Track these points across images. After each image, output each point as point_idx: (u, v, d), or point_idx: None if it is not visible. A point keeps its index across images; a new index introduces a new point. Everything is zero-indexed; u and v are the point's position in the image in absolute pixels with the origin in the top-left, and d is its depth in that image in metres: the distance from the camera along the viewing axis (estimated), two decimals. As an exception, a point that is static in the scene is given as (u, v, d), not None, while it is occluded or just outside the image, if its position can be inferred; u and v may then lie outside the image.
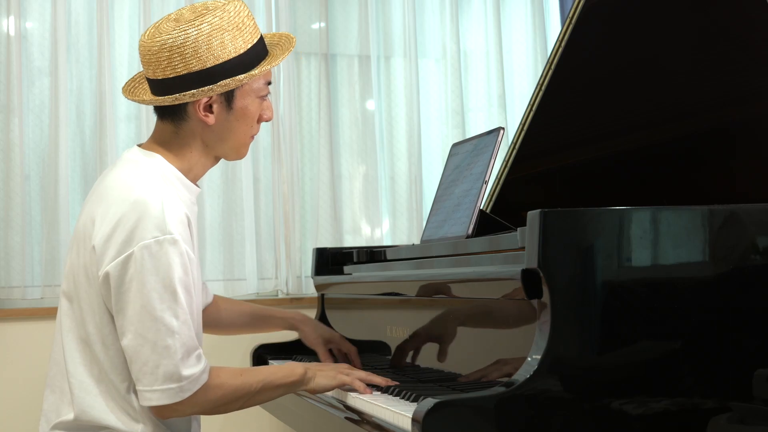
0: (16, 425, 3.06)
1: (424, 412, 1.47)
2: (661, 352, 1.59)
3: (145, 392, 1.72)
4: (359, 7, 3.60)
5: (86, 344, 1.78)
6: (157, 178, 1.80)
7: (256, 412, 3.14)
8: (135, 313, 1.70)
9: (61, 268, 3.10)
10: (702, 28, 2.33)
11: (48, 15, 3.22)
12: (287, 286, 3.41)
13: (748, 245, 1.65)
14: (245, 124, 1.88)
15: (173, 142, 1.87)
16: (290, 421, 2.51)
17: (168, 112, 1.86)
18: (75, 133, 3.23)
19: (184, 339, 1.72)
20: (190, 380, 1.72)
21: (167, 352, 1.70)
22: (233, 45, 1.79)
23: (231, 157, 1.93)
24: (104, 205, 1.76)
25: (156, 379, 1.71)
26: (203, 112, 1.83)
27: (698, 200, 1.76)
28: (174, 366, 1.70)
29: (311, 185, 3.55)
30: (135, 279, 1.70)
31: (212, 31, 1.78)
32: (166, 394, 1.71)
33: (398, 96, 3.67)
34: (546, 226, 1.57)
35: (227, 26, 1.79)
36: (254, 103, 1.88)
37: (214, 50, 1.78)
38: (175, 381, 1.71)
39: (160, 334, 1.70)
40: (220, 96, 1.83)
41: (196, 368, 1.73)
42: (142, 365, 1.71)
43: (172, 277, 1.71)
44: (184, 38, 1.77)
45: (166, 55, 1.78)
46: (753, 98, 2.23)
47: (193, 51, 1.77)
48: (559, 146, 2.74)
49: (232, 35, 1.80)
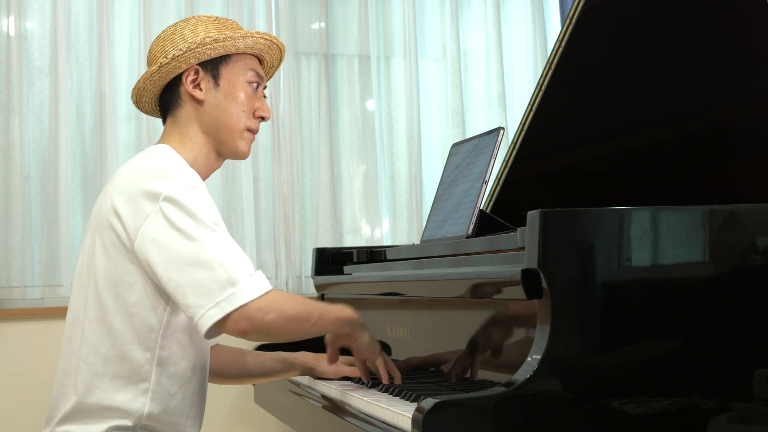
0: (17, 425, 3.06)
1: (424, 412, 1.47)
2: (661, 352, 1.59)
3: (209, 311, 1.68)
4: (359, 7, 3.60)
5: (102, 322, 1.79)
6: (170, 156, 1.86)
7: (256, 412, 3.14)
8: (175, 251, 1.71)
9: (61, 268, 3.10)
10: (702, 29, 2.33)
11: (48, 15, 3.22)
12: (287, 286, 3.41)
13: (748, 245, 1.65)
14: (236, 105, 1.93)
15: (174, 133, 1.94)
16: (290, 421, 2.51)
17: (166, 105, 1.96)
18: (75, 133, 3.23)
19: (230, 249, 1.72)
20: (248, 283, 1.70)
21: (216, 264, 1.69)
22: (217, 32, 1.93)
23: (230, 149, 1.96)
24: (122, 179, 1.82)
25: (215, 293, 1.69)
26: (191, 87, 1.91)
27: (698, 200, 1.76)
28: (226, 272, 1.69)
29: (311, 185, 3.55)
30: (166, 225, 1.72)
31: (198, 23, 1.95)
32: (228, 301, 1.68)
33: (398, 96, 3.67)
34: (546, 226, 1.57)
35: (215, 22, 1.96)
36: (242, 86, 1.94)
37: (198, 33, 1.92)
38: (231, 285, 1.69)
39: (202, 254, 1.70)
40: (206, 74, 1.92)
41: (251, 273, 1.72)
42: (196, 289, 1.69)
43: (203, 212, 1.74)
44: (173, 29, 1.95)
45: (160, 45, 1.94)
46: (753, 98, 2.23)
47: (180, 36, 1.92)
48: (559, 146, 2.74)
49: (216, 27, 1.94)
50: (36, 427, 2.99)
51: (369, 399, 1.87)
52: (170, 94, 1.94)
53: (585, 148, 2.69)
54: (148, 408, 1.79)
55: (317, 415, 2.10)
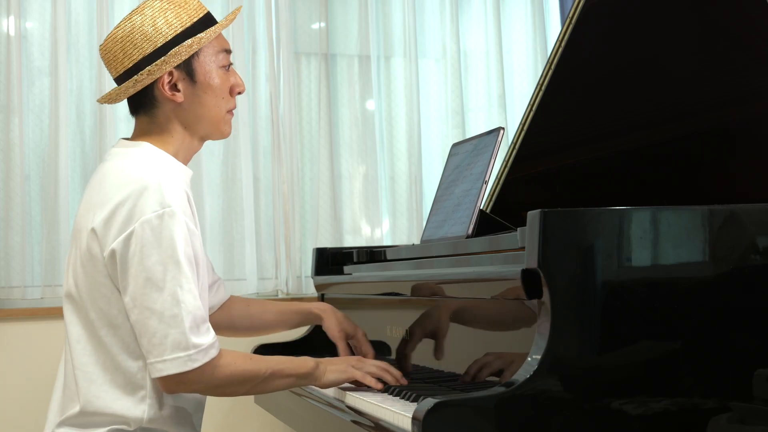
0: (17, 425, 3.06)
1: (424, 412, 1.47)
2: (661, 352, 1.59)
3: (156, 364, 1.72)
4: (359, 7, 3.60)
5: (91, 333, 1.79)
6: (151, 161, 1.83)
7: (256, 412, 3.14)
8: (139, 286, 1.72)
9: (61, 268, 3.10)
10: (702, 28, 2.33)
11: (48, 15, 3.22)
12: (287, 286, 3.41)
13: (748, 245, 1.65)
14: (214, 95, 1.91)
15: (153, 131, 1.90)
16: (290, 421, 2.51)
17: (138, 104, 1.91)
18: (75, 133, 3.23)
19: (191, 308, 1.72)
20: (199, 350, 1.72)
21: (174, 321, 1.71)
22: (178, 20, 1.86)
23: (214, 136, 1.95)
24: (102, 192, 1.79)
25: (165, 349, 1.71)
26: (170, 92, 1.87)
27: (698, 200, 1.76)
28: (182, 334, 1.71)
29: (311, 185, 3.55)
30: (137, 254, 1.72)
31: (155, 13, 1.85)
32: (175, 363, 1.71)
33: (398, 96, 3.67)
34: (546, 226, 1.57)
35: (168, 6, 1.87)
36: (217, 73, 1.91)
37: (160, 29, 1.85)
38: (183, 349, 1.71)
39: (165, 304, 1.71)
40: (181, 72, 1.87)
41: (204, 338, 1.73)
42: (150, 337, 1.72)
43: (175, 248, 1.72)
44: (131, 27, 1.86)
45: (119, 47, 1.86)
46: (753, 98, 2.23)
47: (141, 36, 1.84)
48: (559, 146, 2.74)
49: (175, 13, 1.86)
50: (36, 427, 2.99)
51: (369, 399, 1.86)
52: (143, 97, 1.89)
53: (585, 148, 2.69)
54: (147, 414, 1.79)
55: (317, 415, 2.10)
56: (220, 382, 1.78)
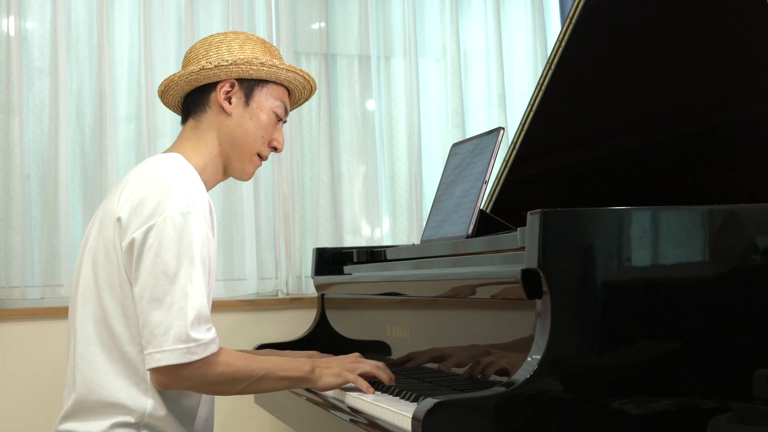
0: (17, 425, 3.06)
1: (424, 412, 1.47)
2: (661, 352, 1.59)
3: (154, 354, 1.74)
4: (359, 7, 3.60)
5: (104, 323, 1.82)
6: (181, 166, 1.89)
7: (256, 412, 3.14)
8: (152, 277, 1.76)
9: (61, 268, 3.10)
10: (702, 29, 2.33)
11: (48, 15, 3.22)
12: (287, 286, 3.41)
13: (748, 245, 1.65)
14: (256, 127, 2.00)
15: (191, 138, 1.99)
16: (290, 421, 2.51)
17: (192, 104, 2.01)
18: (75, 133, 3.23)
19: (197, 304, 1.75)
20: (199, 344, 1.74)
21: (180, 314, 1.74)
22: (263, 54, 2.01)
23: (236, 170, 2.03)
24: (131, 185, 1.85)
25: (166, 340, 1.73)
26: (224, 98, 1.97)
27: (698, 200, 1.76)
28: (184, 327, 1.73)
29: (311, 185, 3.55)
30: (155, 246, 1.76)
31: (248, 40, 2.02)
32: (174, 354, 1.73)
33: (398, 96, 3.67)
34: (546, 226, 1.57)
35: (261, 44, 2.03)
36: (268, 114, 2.01)
37: (245, 50, 1.99)
38: (183, 342, 1.73)
39: (175, 297, 1.74)
40: (241, 89, 1.98)
41: (206, 335, 1.76)
42: (154, 328, 1.74)
43: (192, 245, 1.77)
44: (222, 38, 2.01)
45: (204, 48, 2.00)
46: (753, 98, 2.23)
47: (227, 47, 1.99)
48: (559, 146, 2.74)
49: (263, 50, 2.02)
50: (36, 427, 3.00)
51: (369, 399, 1.87)
52: (199, 98, 2.00)
53: (585, 148, 2.69)
54: (150, 407, 1.80)
55: (317, 415, 2.10)
56: (214, 380, 1.79)
